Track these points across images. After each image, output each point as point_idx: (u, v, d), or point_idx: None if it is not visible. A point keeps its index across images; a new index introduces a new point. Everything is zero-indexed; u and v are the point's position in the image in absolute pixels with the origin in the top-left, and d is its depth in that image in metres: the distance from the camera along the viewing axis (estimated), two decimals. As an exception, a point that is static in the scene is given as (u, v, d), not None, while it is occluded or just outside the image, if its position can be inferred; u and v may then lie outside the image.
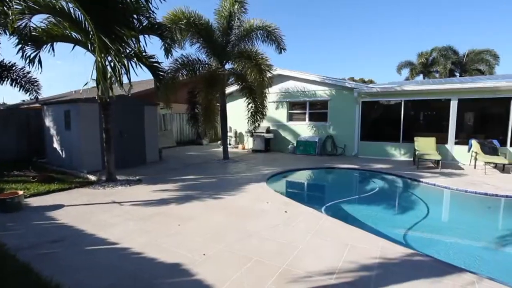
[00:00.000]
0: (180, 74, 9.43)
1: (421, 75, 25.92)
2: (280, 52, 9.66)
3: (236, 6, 9.21)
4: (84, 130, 7.70)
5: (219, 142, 13.18)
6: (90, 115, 7.73)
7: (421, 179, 7.16)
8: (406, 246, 3.60)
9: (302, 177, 8.51)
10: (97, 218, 4.41)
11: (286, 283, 2.61)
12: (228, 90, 13.16)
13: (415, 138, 9.64)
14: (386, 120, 11.04)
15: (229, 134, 14.02)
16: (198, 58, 9.72)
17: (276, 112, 13.07)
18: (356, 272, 2.81)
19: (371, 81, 32.20)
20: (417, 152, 9.04)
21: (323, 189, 8.11)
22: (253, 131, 11.02)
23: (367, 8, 55.07)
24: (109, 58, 5.13)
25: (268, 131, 12.71)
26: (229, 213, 4.63)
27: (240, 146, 14.04)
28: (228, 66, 10.24)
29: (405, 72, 27.00)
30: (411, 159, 9.93)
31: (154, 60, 6.37)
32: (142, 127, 9.25)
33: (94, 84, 4.72)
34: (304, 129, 12.44)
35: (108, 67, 5.26)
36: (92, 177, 7.13)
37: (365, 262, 3.00)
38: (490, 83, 9.19)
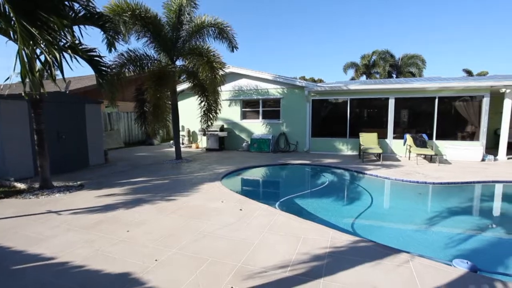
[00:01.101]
0: (126, 69, 8.80)
1: (364, 76, 28.15)
2: (232, 50, 9.63)
3: (185, 1, 8.90)
4: (7, 131, 6.66)
5: (171, 141, 12.68)
6: (16, 115, 6.75)
7: (366, 172, 7.78)
8: (353, 234, 3.87)
9: (256, 174, 8.62)
10: (29, 231, 3.89)
11: (241, 281, 2.61)
12: (180, 87, 12.71)
13: (360, 134, 10.46)
14: (334, 117, 11.74)
15: (181, 133, 13.58)
16: (146, 53, 9.19)
17: (229, 110, 13.02)
18: (308, 263, 2.93)
19: (320, 80, 33.97)
20: (362, 147, 9.80)
21: (277, 185, 8.32)
22: (207, 129, 10.81)
23: (317, 9, 57.93)
24: (38, 51, 4.53)
25: (222, 129, 12.61)
26: (183, 214, 4.47)
27: (193, 145, 13.69)
28: (179, 62, 9.90)
29: (351, 72, 29.06)
30: (357, 153, 10.72)
31: (95, 53, 5.81)
32: (83, 127, 8.44)
33: (20, 79, 4.11)
34: (258, 126, 12.61)
35: (37, 60, 4.65)
36: (21, 185, 6.27)
37: (316, 252, 3.14)
38: (419, 84, 10.37)
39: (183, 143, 13.76)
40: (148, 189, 6.08)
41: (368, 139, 10.25)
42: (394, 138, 10.80)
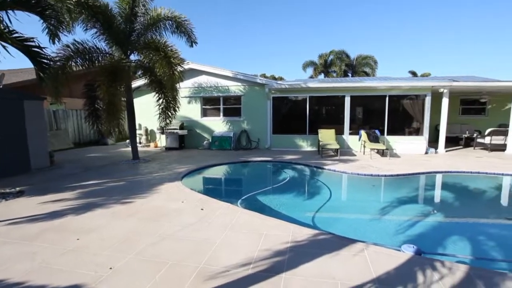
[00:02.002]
0: (73, 63, 8.05)
1: (322, 74, 29.34)
2: (192, 46, 9.33)
3: (138, -9, 8.40)
4: None
5: (128, 141, 11.95)
6: None
7: (325, 167, 8.11)
8: (313, 228, 4.01)
9: (218, 172, 8.51)
10: (-46, 246, 3.38)
11: (203, 282, 2.54)
12: (136, 83, 12.05)
13: (319, 130, 10.89)
14: (294, 114, 12.04)
15: (138, 132, 12.89)
16: (96, 46, 8.50)
17: (189, 107, 12.67)
18: (270, 259, 2.96)
19: (281, 78, 34.59)
20: (320, 143, 10.20)
21: (239, 183, 8.30)
22: (165, 128, 10.39)
23: (278, 6, 58.80)
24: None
25: (181, 127, 12.22)
26: (141, 217, 4.23)
27: (152, 144, 13.08)
28: (134, 57, 9.33)
29: (310, 70, 30.08)
30: (316, 149, 11.14)
31: (32, 43, 5.19)
32: (22, 126, 7.55)
33: None
34: (219, 124, 12.47)
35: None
36: None
37: (278, 248, 3.19)
38: (372, 83, 11.10)
39: (140, 142, 13.08)
40: (102, 192, 5.65)
41: (327, 135, 10.71)
42: (350, 134, 11.43)
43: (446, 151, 10.78)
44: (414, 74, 31.84)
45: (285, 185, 7.08)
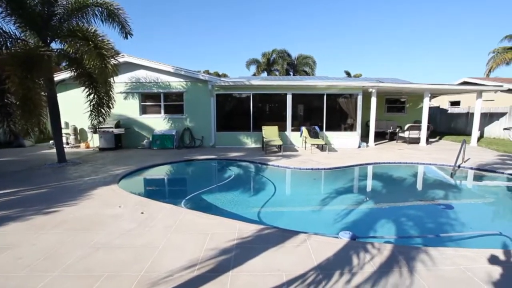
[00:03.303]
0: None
1: (265, 72, 30.05)
2: (126, 37, 8.58)
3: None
4: None
5: (51, 141, 10.52)
6: None
7: (269, 163, 8.31)
8: (259, 223, 4.07)
9: (160, 173, 8.06)
10: None
11: (144, 292, 2.36)
12: (60, 76, 10.66)
13: (263, 127, 11.12)
14: (238, 111, 12.07)
15: (65, 131, 11.48)
16: (2, 29, 7.19)
17: (126, 104, 11.72)
18: (217, 258, 2.90)
19: (225, 75, 34.40)
20: (264, 139, 10.43)
21: (183, 182, 7.99)
22: (98, 126, 9.43)
23: (220, 4, 58.19)
24: None
25: (118, 125, 11.25)
26: (69, 228, 3.75)
27: (83, 144, 11.76)
28: (56, 45, 8.20)
29: (253, 68, 30.54)
30: (260, 145, 11.36)
31: None
32: None
33: None
34: (160, 122, 11.83)
35: None
36: None
37: (224, 246, 3.14)
38: (311, 82, 11.76)
39: (68, 143, 11.64)
40: (18, 203, 4.85)
41: (270, 132, 11.01)
42: (292, 130, 11.94)
43: (375, 144, 12.06)
44: (348, 74, 34.83)
45: (231, 182, 7.06)
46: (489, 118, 15.11)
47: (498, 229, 4.22)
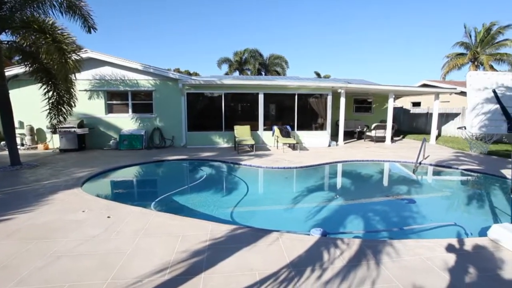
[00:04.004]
0: None
1: (237, 72, 29.97)
2: (89, 31, 8.07)
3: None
4: None
5: (3, 142, 9.63)
6: None
7: (241, 162, 8.29)
8: (232, 223, 4.04)
9: (128, 174, 7.72)
10: None
11: (110, 301, 2.24)
12: (12, 71, 9.81)
13: (235, 127, 11.06)
14: (210, 111, 11.89)
15: (20, 131, 10.61)
16: None
17: (90, 103, 11.07)
18: (188, 261, 2.82)
19: (196, 74, 33.78)
20: (237, 139, 10.38)
21: (152, 184, 7.71)
22: (58, 126, 8.79)
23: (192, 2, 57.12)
24: None
25: (81, 125, 10.58)
26: (24, 237, 3.44)
27: (41, 145, 10.90)
28: (6, 37, 7.49)
29: (225, 67, 30.33)
30: (233, 145, 11.30)
31: None
32: None
33: None
34: (128, 121, 11.32)
35: None
36: None
37: (196, 248, 3.08)
38: (283, 82, 11.91)
39: (23, 144, 10.74)
40: (-37, 210, 4.38)
41: (242, 132, 10.99)
42: (264, 130, 12.01)
43: (345, 143, 12.52)
44: (318, 75, 35.81)
45: (203, 183, 6.94)
46: (445, 118, 16.33)
47: (453, 220, 4.56)
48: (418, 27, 62.71)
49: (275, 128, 11.21)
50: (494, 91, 3.34)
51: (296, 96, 11.97)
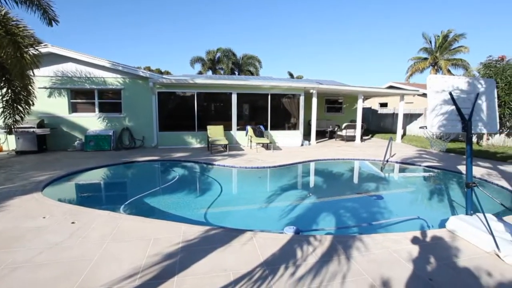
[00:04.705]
0: None
1: (210, 71, 29.61)
2: (50, 24, 7.55)
3: None
4: None
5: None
6: None
7: (214, 162, 8.20)
8: (205, 224, 3.98)
9: (94, 177, 7.32)
10: None
11: (75, 311, 2.10)
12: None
13: (208, 127, 10.91)
14: (182, 110, 11.64)
15: (-30, 132, 9.64)
16: None
17: (52, 101, 10.36)
18: (160, 264, 2.74)
19: (168, 72, 32.92)
20: (210, 139, 10.25)
21: (122, 186, 7.37)
22: (15, 126, 8.11)
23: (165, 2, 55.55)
24: None
25: (41, 125, 9.86)
26: (-26, 246, 3.14)
27: (-6, 148, 10.02)
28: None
29: (198, 66, 29.84)
30: (206, 145, 11.15)
31: None
32: None
33: None
34: (94, 121, 10.74)
35: None
36: None
37: (169, 251, 3.00)
38: (256, 82, 11.95)
39: (-26, 146, 9.81)
40: None
41: (215, 131, 10.87)
42: (238, 129, 11.97)
43: (317, 142, 12.84)
44: (291, 75, 36.38)
45: (175, 184, 6.76)
46: (410, 118, 17.35)
47: (417, 213, 4.86)
48: (385, 29, 65.96)
49: (249, 128, 11.23)
50: (450, 94, 3.60)
51: (269, 96, 12.07)
